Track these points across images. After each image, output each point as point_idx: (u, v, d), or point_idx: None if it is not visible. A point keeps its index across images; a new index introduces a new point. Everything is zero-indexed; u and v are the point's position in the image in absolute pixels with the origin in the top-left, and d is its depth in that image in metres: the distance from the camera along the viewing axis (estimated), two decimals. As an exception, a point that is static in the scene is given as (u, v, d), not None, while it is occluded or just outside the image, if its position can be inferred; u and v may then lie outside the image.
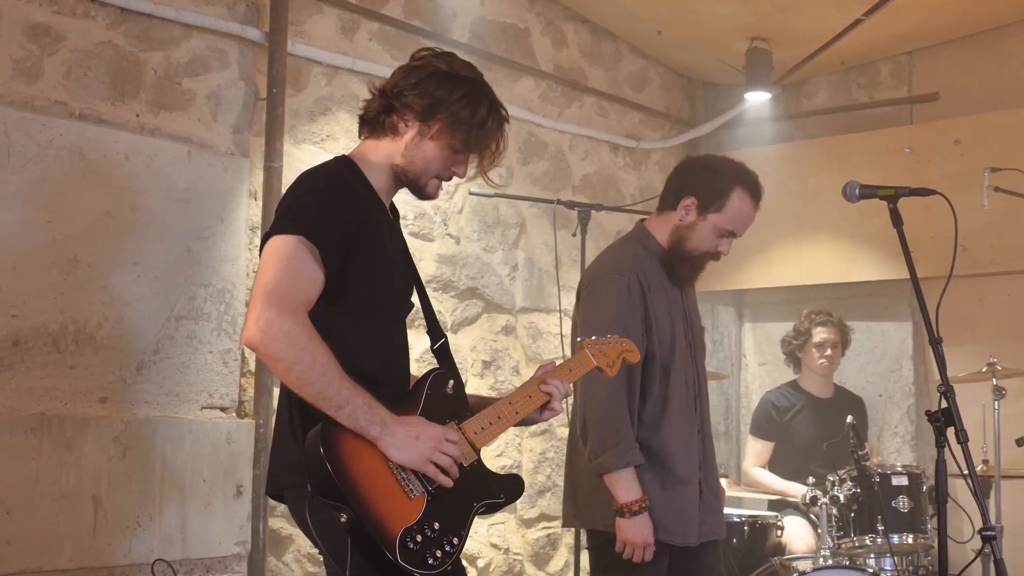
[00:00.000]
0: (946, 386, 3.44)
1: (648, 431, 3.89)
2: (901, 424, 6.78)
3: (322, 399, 2.68)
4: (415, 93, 2.95)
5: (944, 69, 6.90)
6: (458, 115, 2.95)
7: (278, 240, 2.77)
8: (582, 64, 6.94)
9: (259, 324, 2.65)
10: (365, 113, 3.06)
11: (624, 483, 3.78)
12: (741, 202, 3.98)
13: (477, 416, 3.03)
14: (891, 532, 5.11)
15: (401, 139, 2.99)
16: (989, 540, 3.33)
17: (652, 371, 3.92)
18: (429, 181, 3.04)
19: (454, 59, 3.04)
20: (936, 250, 6.55)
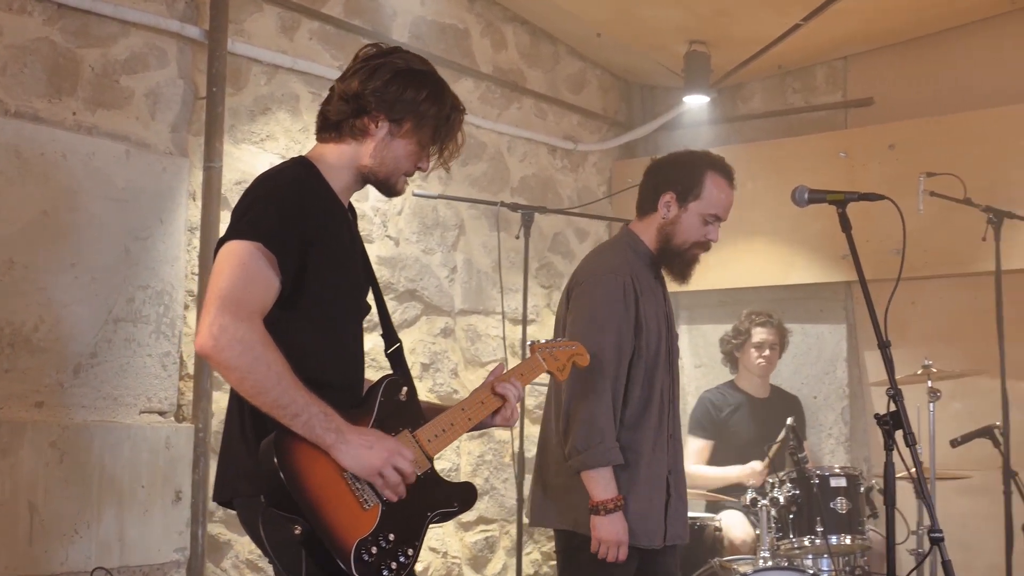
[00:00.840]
0: (895, 389, 3.47)
1: (626, 432, 3.91)
2: (835, 426, 6.84)
3: (277, 408, 2.63)
4: (384, 95, 2.93)
5: (879, 75, 6.98)
6: (426, 113, 2.95)
7: (234, 245, 2.71)
8: (521, 65, 6.93)
9: (212, 331, 2.60)
10: (329, 117, 3.02)
11: (602, 481, 3.80)
12: (716, 185, 4.03)
13: (430, 423, 3.00)
14: (829, 533, 5.15)
15: (370, 140, 2.96)
16: (937, 542, 3.36)
17: (637, 373, 3.94)
18: (399, 179, 3.03)
19: (407, 55, 3.03)
20: (872, 254, 6.60)
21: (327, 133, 3.01)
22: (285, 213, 2.77)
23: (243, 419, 2.82)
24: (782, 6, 6.16)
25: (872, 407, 6.80)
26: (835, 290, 6.93)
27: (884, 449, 3.51)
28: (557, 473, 3.98)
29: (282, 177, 2.88)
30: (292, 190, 2.83)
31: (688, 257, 4.08)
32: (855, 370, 6.90)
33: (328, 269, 2.85)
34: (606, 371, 3.85)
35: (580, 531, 3.86)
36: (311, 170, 2.93)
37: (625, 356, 3.91)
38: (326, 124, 3.02)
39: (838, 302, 6.95)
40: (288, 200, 2.80)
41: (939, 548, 3.36)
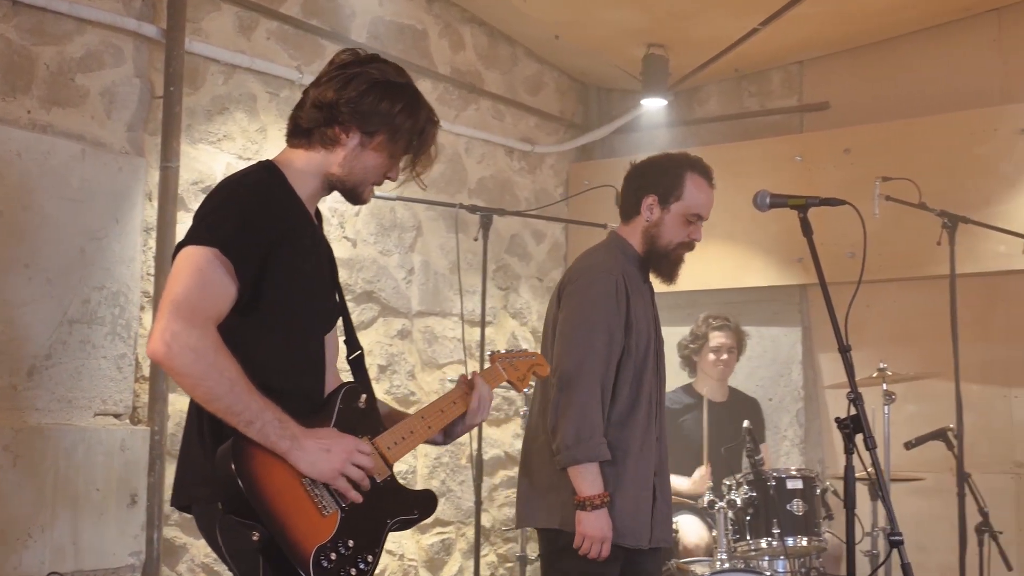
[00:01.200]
0: (855, 393, 3.49)
1: (614, 430, 3.94)
2: (790, 428, 6.88)
3: (230, 414, 2.61)
4: (358, 107, 2.90)
5: (834, 79, 7.04)
6: (400, 126, 2.93)
7: (191, 251, 2.69)
8: (479, 67, 6.92)
9: (164, 337, 2.57)
10: (300, 124, 2.98)
11: (589, 476, 3.82)
12: (696, 185, 4.10)
13: (390, 431, 2.99)
14: (786, 535, 5.18)
15: (341, 150, 2.94)
16: (897, 545, 3.39)
17: (626, 372, 3.97)
18: (367, 188, 3.02)
19: (384, 65, 3.00)
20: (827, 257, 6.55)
21: (297, 139, 2.99)
22: (246, 219, 2.75)
23: (202, 424, 2.79)
24: (740, 10, 6.19)
25: (827, 410, 6.86)
26: (790, 293, 6.98)
27: (844, 452, 3.54)
28: (543, 472, 4.00)
29: (245, 182, 2.85)
30: (254, 196, 2.80)
31: (674, 258, 4.14)
32: (810, 373, 6.94)
33: (288, 276, 2.82)
34: (596, 368, 3.88)
35: (567, 529, 3.88)
36: (276, 175, 2.90)
37: (615, 354, 3.95)
38: (297, 130, 2.99)
39: (793, 305, 7.00)
40: (250, 206, 2.77)
41: (899, 551, 3.38)
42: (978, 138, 6.26)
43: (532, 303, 7.25)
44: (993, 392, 6.33)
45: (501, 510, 6.88)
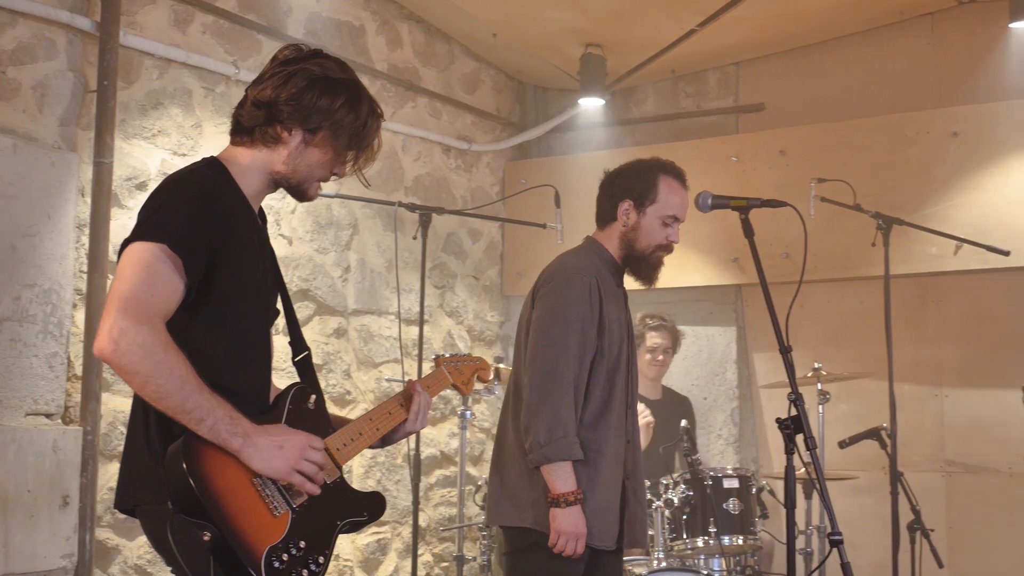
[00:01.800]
0: (796, 394, 3.50)
1: (586, 431, 3.95)
2: (725, 427, 6.93)
3: (181, 412, 2.57)
4: (297, 104, 2.86)
5: (770, 81, 7.10)
6: (341, 121, 2.89)
7: (139, 247, 2.64)
8: (416, 64, 6.88)
9: (112, 335, 2.53)
10: (242, 122, 2.94)
11: (563, 474, 3.83)
12: (670, 187, 4.17)
13: (339, 432, 2.97)
14: (722, 534, 5.21)
15: (284, 148, 2.90)
16: (836, 545, 3.41)
17: (599, 374, 3.99)
18: (312, 185, 2.98)
19: (326, 61, 2.96)
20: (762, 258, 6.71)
21: (240, 137, 2.94)
22: (193, 216, 2.70)
23: (147, 424, 2.74)
24: (678, 11, 6.21)
25: (761, 409, 6.91)
26: (725, 293, 7.03)
27: (785, 453, 3.54)
28: (515, 470, 4.00)
29: (192, 179, 2.81)
30: (202, 192, 2.76)
31: (653, 260, 4.17)
32: (745, 372, 6.99)
33: (235, 274, 2.79)
34: (570, 367, 3.90)
35: (538, 527, 3.88)
36: (222, 173, 2.86)
37: (588, 354, 3.96)
38: (239, 128, 2.94)
39: (728, 305, 7.05)
40: (197, 203, 2.73)
41: (839, 550, 3.40)
42: (911, 140, 6.35)
43: (468, 302, 7.23)
44: (925, 392, 6.42)
45: (437, 509, 6.85)
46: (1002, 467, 6.29)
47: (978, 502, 6.34)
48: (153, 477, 2.68)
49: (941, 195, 6.22)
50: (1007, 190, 6.10)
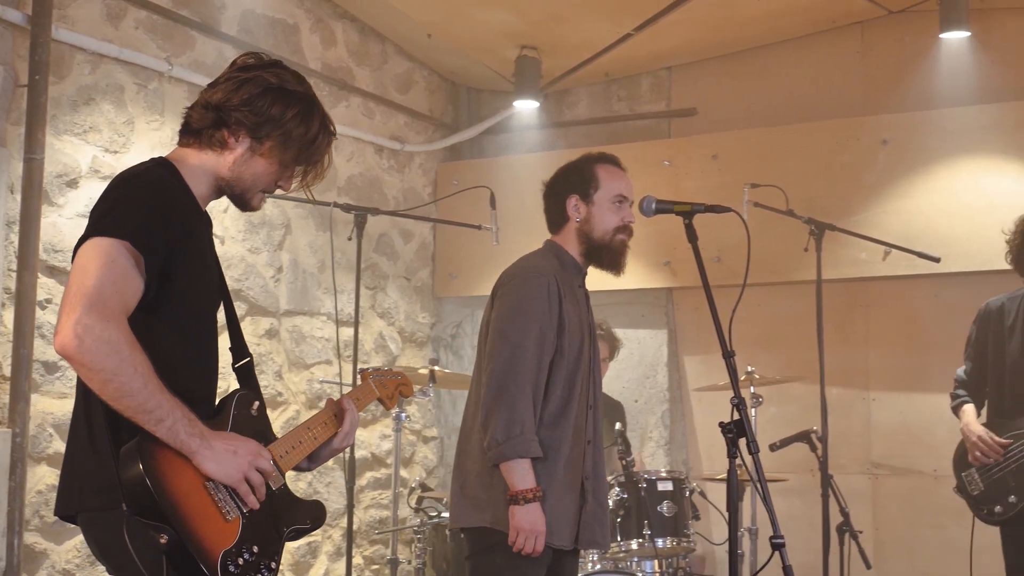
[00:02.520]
0: (739, 398, 3.52)
1: (545, 430, 3.93)
2: (655, 429, 6.97)
3: (141, 412, 2.52)
4: (248, 110, 2.81)
5: (702, 86, 7.15)
6: (291, 133, 2.84)
7: (99, 242, 2.57)
8: (350, 63, 6.84)
9: (76, 330, 2.46)
10: (191, 123, 2.89)
11: (521, 471, 3.81)
12: (608, 171, 4.15)
13: (281, 440, 2.93)
14: (656, 536, 5.23)
15: (230, 154, 2.84)
16: (778, 548, 3.43)
17: (558, 373, 3.98)
18: (255, 195, 2.93)
19: (283, 72, 2.91)
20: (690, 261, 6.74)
21: (188, 138, 2.89)
22: (151, 214, 2.65)
23: (91, 428, 2.68)
24: (615, 15, 6.24)
25: (692, 411, 6.97)
26: (657, 296, 7.07)
27: (727, 457, 3.56)
28: (475, 471, 3.98)
29: (147, 176, 2.75)
30: (157, 191, 2.71)
31: (615, 245, 4.15)
32: (675, 375, 7.04)
33: (190, 276, 2.74)
34: (528, 365, 3.89)
35: (498, 527, 3.86)
36: (174, 173, 2.81)
37: (547, 353, 3.95)
38: (187, 128, 2.89)
39: (659, 308, 7.09)
40: (154, 201, 2.68)
41: (780, 553, 3.42)
42: (842, 147, 6.43)
43: (400, 303, 7.19)
44: (852, 395, 6.51)
45: (368, 512, 6.80)
46: (927, 470, 6.40)
47: (904, 504, 6.45)
48: (101, 482, 2.63)
49: (871, 201, 6.31)
50: (935, 197, 6.21)
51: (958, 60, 6.33)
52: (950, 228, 6.11)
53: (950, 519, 6.23)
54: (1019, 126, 6.08)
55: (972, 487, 5.09)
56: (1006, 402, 5.07)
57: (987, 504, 5.02)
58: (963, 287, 6.28)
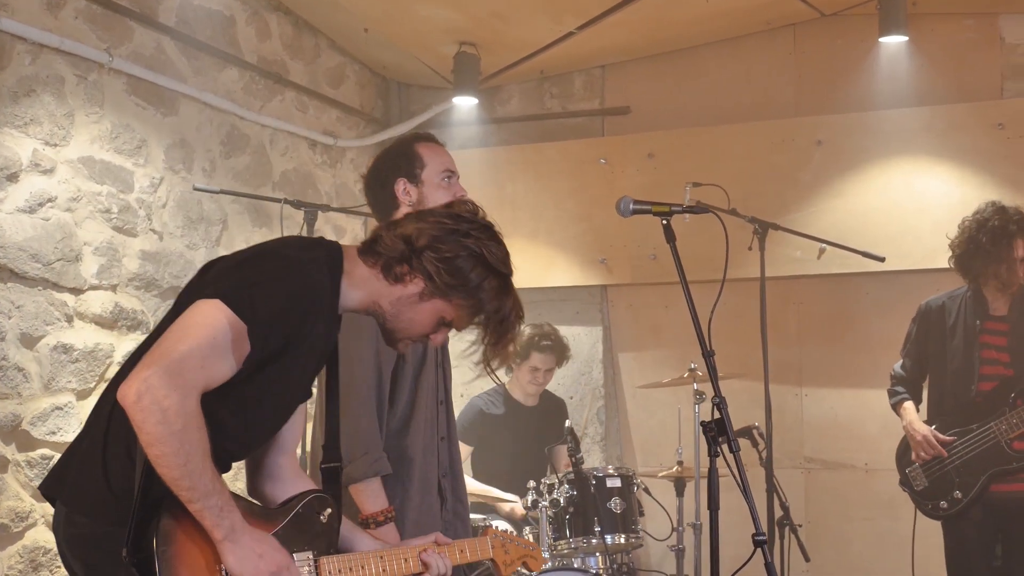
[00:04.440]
0: (719, 397, 3.56)
1: (393, 439, 3.78)
2: (591, 426, 7.01)
3: (174, 485, 2.45)
4: (445, 268, 2.73)
5: (635, 84, 7.19)
6: (483, 305, 2.78)
7: (220, 311, 2.51)
8: (284, 56, 6.74)
9: (140, 386, 2.39)
10: (379, 246, 2.79)
11: (370, 493, 3.65)
12: (429, 149, 3.98)
13: (340, 556, 2.82)
14: (606, 533, 5.25)
15: (400, 289, 2.78)
16: (760, 544, 3.47)
17: (403, 378, 3.81)
18: (403, 339, 2.85)
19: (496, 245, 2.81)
20: (629, 259, 6.85)
21: (369, 257, 2.80)
22: (288, 312, 2.59)
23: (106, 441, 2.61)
24: (557, 14, 6.25)
25: (626, 408, 7.02)
26: (592, 293, 7.10)
27: (708, 455, 3.61)
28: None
29: (308, 275, 2.66)
30: (309, 295, 2.64)
31: None
32: (610, 372, 7.08)
33: (283, 373, 2.68)
34: (366, 377, 3.71)
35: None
36: (336, 276, 2.74)
37: (387, 364, 3.77)
38: (372, 247, 2.80)
39: (594, 305, 7.12)
40: (298, 301, 2.61)
41: (763, 551, 3.47)
42: (776, 147, 6.54)
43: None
44: (785, 391, 6.62)
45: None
46: (859, 463, 6.54)
47: (836, 498, 6.59)
48: (99, 495, 2.58)
49: (806, 200, 6.44)
50: (868, 197, 6.35)
51: (894, 63, 6.47)
52: (883, 227, 6.26)
53: (881, 512, 6.39)
54: (951, 129, 6.25)
55: (916, 482, 5.22)
56: (947, 400, 5.21)
57: (932, 499, 5.16)
58: (894, 285, 6.43)
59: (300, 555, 2.71)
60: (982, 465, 5.02)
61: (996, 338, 5.16)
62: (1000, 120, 6.18)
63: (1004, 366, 5.12)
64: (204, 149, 6.05)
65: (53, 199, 5.07)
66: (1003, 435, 4.98)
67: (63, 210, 5.13)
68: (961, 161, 6.22)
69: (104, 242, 5.35)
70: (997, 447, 5.00)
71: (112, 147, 5.42)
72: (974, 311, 5.17)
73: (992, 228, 5.12)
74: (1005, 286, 5.10)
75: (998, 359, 5.14)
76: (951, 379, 5.20)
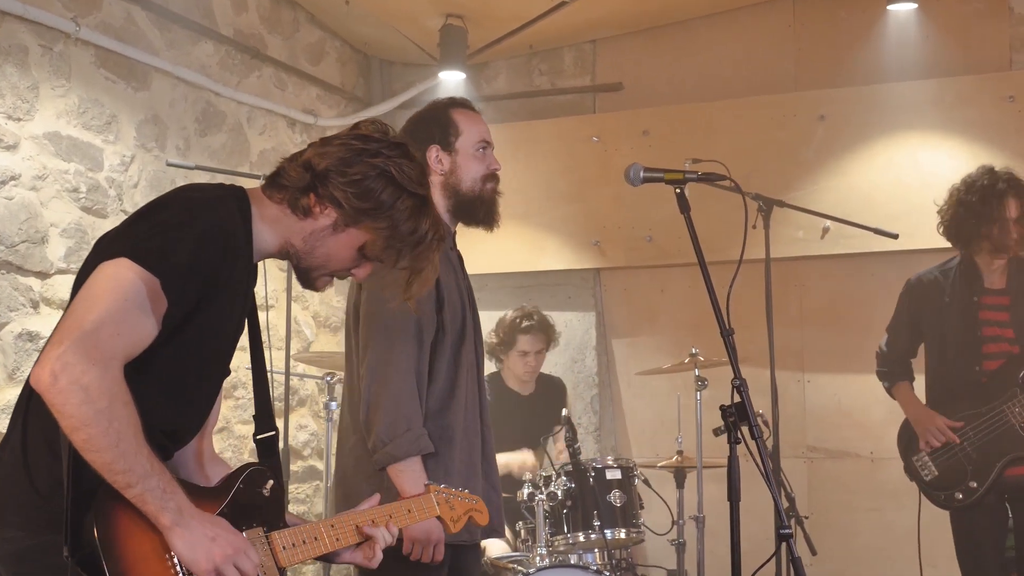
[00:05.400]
0: (740, 379, 3.30)
1: (434, 418, 3.56)
2: (585, 415, 6.73)
3: (108, 472, 2.18)
4: (353, 192, 2.46)
5: (628, 60, 6.93)
6: (398, 228, 2.51)
7: (126, 268, 2.23)
8: (261, 30, 6.44)
9: (54, 367, 2.12)
10: (282, 178, 2.53)
11: (412, 473, 3.43)
12: (466, 116, 3.78)
13: (291, 530, 2.57)
14: (606, 527, 4.99)
15: (311, 223, 2.51)
16: (785, 539, 3.21)
17: (443, 353, 3.59)
18: (321, 276, 2.59)
19: (403, 162, 2.53)
20: (624, 240, 6.59)
21: (274, 190, 2.53)
22: (201, 258, 2.32)
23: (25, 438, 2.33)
24: (545, -16, 5.97)
25: (620, 397, 6.76)
26: (584, 277, 6.83)
27: (728, 443, 3.34)
28: (359, 477, 3.56)
29: (214, 213, 2.38)
30: (220, 235, 2.37)
31: (487, 196, 3.75)
32: (603, 358, 6.82)
33: (206, 328, 2.41)
34: (408, 351, 3.49)
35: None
36: (247, 217, 2.47)
37: (428, 334, 3.55)
38: (276, 181, 2.54)
39: (587, 289, 6.85)
40: (211, 245, 2.34)
41: (788, 545, 3.21)
42: (778, 123, 6.29)
43: (314, 285, 6.82)
44: (786, 377, 6.33)
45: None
46: (864, 452, 6.30)
47: (840, 488, 6.34)
48: (26, 501, 2.30)
49: (808, 178, 6.19)
50: (873, 174, 6.10)
51: (900, 33, 6.22)
52: (888, 205, 6.00)
53: (887, 502, 6.15)
54: (959, 102, 6.00)
55: (925, 472, 4.95)
56: (950, 382, 4.93)
57: (944, 490, 4.89)
58: (900, 266, 6.15)
59: (250, 533, 2.47)
60: (998, 451, 4.75)
61: (997, 313, 4.89)
62: (1010, 92, 5.94)
63: (1009, 342, 4.86)
64: (178, 126, 5.75)
65: (17, 177, 4.78)
66: (1018, 417, 4.71)
67: (28, 189, 4.83)
68: (971, 135, 5.97)
69: (72, 223, 5.06)
70: (1012, 431, 4.73)
71: (80, 122, 5.13)
72: (969, 285, 4.89)
73: (981, 187, 4.85)
74: (998, 249, 4.81)
75: (1001, 335, 4.87)
76: (952, 359, 4.92)
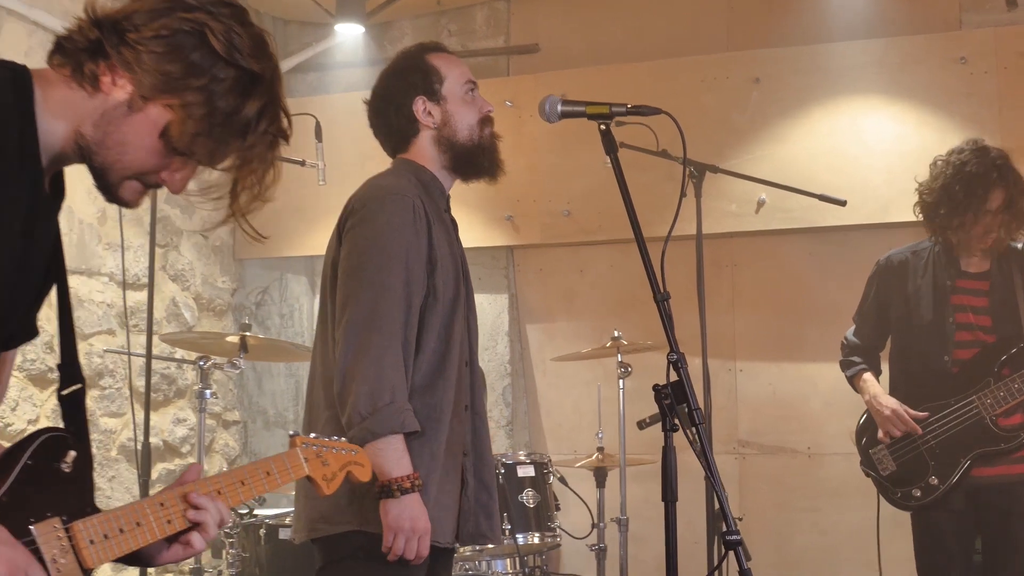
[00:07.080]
0: (677, 353, 2.73)
1: (419, 396, 3.05)
2: (496, 407, 6.13)
3: None
4: (154, 50, 1.75)
5: (544, 20, 6.40)
6: (214, 101, 1.78)
7: None
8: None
9: None
10: (65, 40, 1.79)
11: (394, 453, 2.91)
12: (443, 59, 3.38)
13: (99, 516, 1.88)
14: (517, 531, 4.45)
15: (103, 99, 1.78)
16: (733, 546, 2.64)
17: (432, 321, 3.09)
18: (123, 181, 1.84)
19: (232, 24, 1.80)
20: (539, 215, 6.02)
21: (59, 56, 1.81)
22: None
23: None
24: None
25: (535, 387, 6.19)
26: (496, 256, 6.25)
27: (663, 431, 2.77)
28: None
29: None
30: None
31: (487, 142, 3.36)
32: (517, 345, 6.25)
33: None
34: (393, 312, 3.00)
35: (367, 528, 2.96)
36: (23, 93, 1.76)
37: (417, 295, 3.07)
38: (60, 45, 1.80)
39: (499, 270, 6.27)
40: None
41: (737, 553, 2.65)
42: (707, 86, 5.77)
43: (196, 264, 6.15)
44: (718, 365, 5.80)
45: (158, 510, 5.77)
46: (800, 448, 5.79)
47: (774, 486, 5.82)
48: None
49: (742, 146, 5.66)
50: (811, 141, 5.60)
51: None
52: (828, 175, 5.45)
53: (827, 502, 5.66)
54: (906, 63, 5.49)
55: (882, 466, 4.41)
56: (915, 370, 4.41)
57: (902, 486, 4.35)
58: (841, 243, 5.70)
59: (43, 526, 1.82)
60: (963, 446, 4.23)
61: (973, 298, 4.37)
62: (961, 53, 5.43)
63: (984, 331, 4.33)
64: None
65: None
66: (988, 410, 4.20)
67: None
68: (919, 100, 5.45)
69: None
70: (980, 424, 4.22)
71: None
72: (945, 268, 4.38)
73: (968, 176, 4.30)
74: (971, 238, 4.30)
75: (975, 323, 4.35)
76: (919, 347, 4.40)
